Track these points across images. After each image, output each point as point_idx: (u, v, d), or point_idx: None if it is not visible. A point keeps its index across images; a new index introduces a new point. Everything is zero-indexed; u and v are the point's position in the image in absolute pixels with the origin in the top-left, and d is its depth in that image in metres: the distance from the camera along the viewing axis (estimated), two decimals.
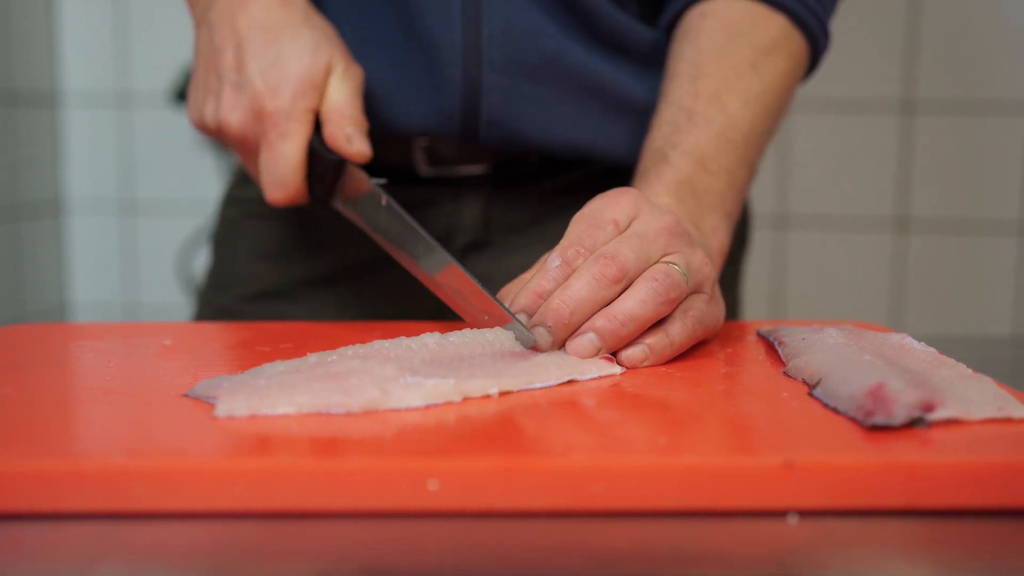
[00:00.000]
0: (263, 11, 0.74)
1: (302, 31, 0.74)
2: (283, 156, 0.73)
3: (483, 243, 0.89)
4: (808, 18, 0.79)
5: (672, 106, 0.77)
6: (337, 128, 0.73)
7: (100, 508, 0.41)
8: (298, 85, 0.73)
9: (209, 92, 0.76)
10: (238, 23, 0.74)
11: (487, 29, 0.80)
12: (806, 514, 0.42)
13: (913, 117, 1.68)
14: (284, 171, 0.73)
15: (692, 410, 0.52)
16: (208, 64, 0.76)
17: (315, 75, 0.73)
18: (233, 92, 0.74)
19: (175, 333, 0.69)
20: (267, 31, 0.74)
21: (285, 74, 0.73)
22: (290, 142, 0.73)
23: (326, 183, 0.75)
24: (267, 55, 0.73)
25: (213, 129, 0.76)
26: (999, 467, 0.43)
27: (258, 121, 0.73)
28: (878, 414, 0.46)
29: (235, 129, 0.74)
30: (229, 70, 0.74)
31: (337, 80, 0.74)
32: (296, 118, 0.73)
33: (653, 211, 0.63)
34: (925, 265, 1.71)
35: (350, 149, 0.73)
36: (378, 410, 0.49)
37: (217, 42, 0.75)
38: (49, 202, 1.93)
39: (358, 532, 0.41)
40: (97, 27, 1.90)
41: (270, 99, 0.72)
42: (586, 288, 0.58)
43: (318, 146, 0.74)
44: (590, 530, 0.41)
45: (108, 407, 0.51)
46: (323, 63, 0.74)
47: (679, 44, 0.80)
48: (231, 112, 0.74)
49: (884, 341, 0.59)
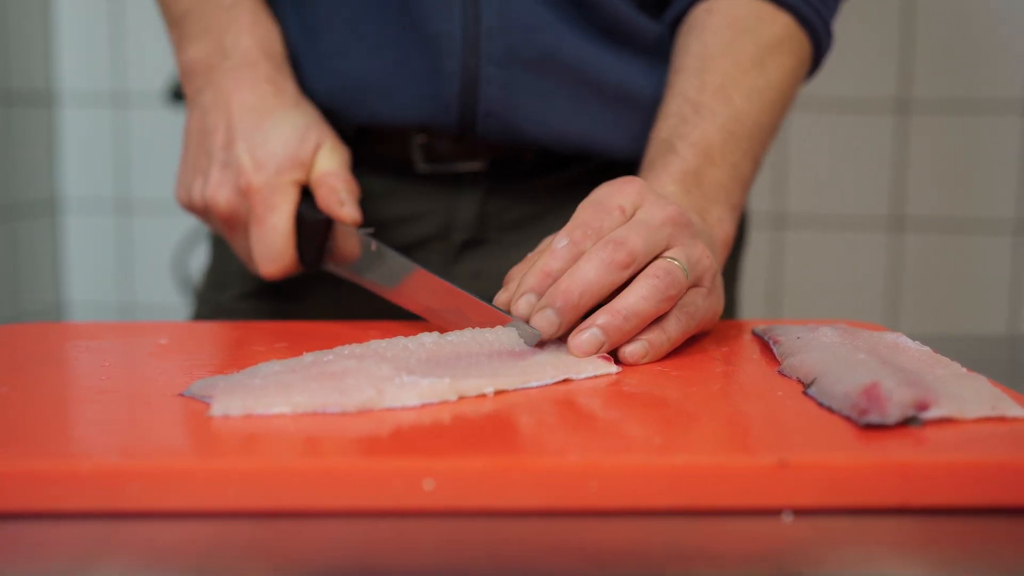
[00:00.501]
0: (256, 96, 0.77)
1: (292, 114, 0.77)
2: (273, 227, 0.74)
3: (480, 240, 0.89)
4: (812, 17, 0.80)
5: (678, 97, 0.77)
6: (330, 191, 0.75)
7: (95, 507, 0.41)
8: (284, 161, 0.75)
9: (198, 171, 0.78)
10: (231, 106, 0.77)
11: (486, 20, 0.80)
12: (800, 513, 0.42)
13: (909, 117, 1.68)
14: (275, 242, 0.75)
15: (687, 409, 0.52)
16: (199, 144, 0.78)
17: (302, 153, 0.76)
18: (221, 170, 0.76)
19: (171, 332, 0.69)
20: (258, 114, 0.76)
21: (272, 152, 0.75)
22: (278, 213, 0.75)
23: (315, 247, 0.76)
24: (255, 135, 0.75)
25: (200, 208, 0.78)
26: (993, 466, 0.43)
27: (245, 198, 0.75)
28: (872, 413, 0.46)
29: (222, 207, 0.76)
30: (218, 149, 0.76)
31: (326, 154, 0.77)
32: (282, 190, 0.75)
33: (658, 201, 0.64)
34: (921, 264, 1.72)
35: (342, 212, 0.75)
36: (374, 410, 0.49)
37: (209, 124, 0.77)
38: (45, 201, 1.93)
39: (354, 532, 0.41)
40: (93, 26, 1.90)
41: (256, 174, 0.74)
42: (595, 271, 0.59)
43: (304, 212, 0.75)
44: (585, 529, 0.41)
45: (103, 406, 0.51)
46: (311, 143, 0.76)
47: (685, 39, 0.81)
48: (219, 190, 0.76)
49: (879, 340, 0.60)
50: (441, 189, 0.88)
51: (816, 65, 0.84)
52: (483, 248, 0.89)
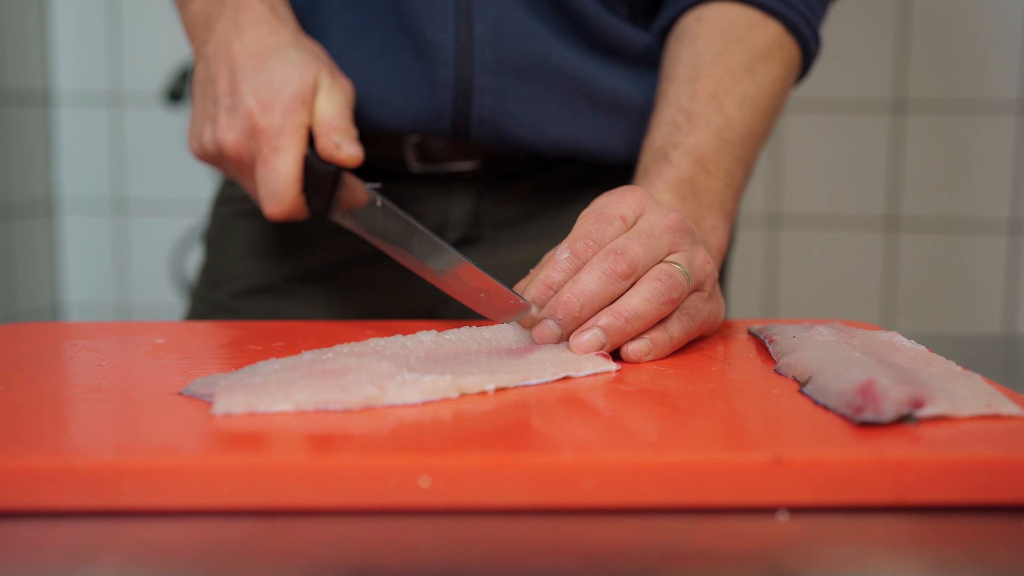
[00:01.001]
0: (254, 39, 0.77)
1: (290, 51, 0.77)
2: (277, 170, 0.74)
3: (473, 239, 0.89)
4: (801, 25, 0.80)
5: (671, 106, 0.78)
6: (327, 139, 0.75)
7: (92, 505, 0.41)
8: (288, 101, 0.75)
9: (206, 118, 0.78)
10: (232, 52, 0.77)
11: (479, 30, 0.80)
12: (796, 510, 0.42)
13: (904, 117, 1.69)
14: (279, 185, 0.75)
15: (683, 407, 0.52)
16: (205, 93, 0.78)
17: (303, 91, 0.75)
18: (228, 114, 0.76)
19: (167, 332, 0.69)
20: (258, 56, 0.76)
21: (275, 91, 0.75)
22: (284, 156, 0.74)
23: (322, 196, 0.76)
24: (258, 76, 0.76)
25: (212, 153, 0.78)
26: (987, 463, 0.43)
27: (252, 138, 0.75)
28: (867, 410, 0.46)
29: (231, 149, 0.76)
30: (224, 95, 0.76)
31: (324, 94, 0.76)
32: (288, 132, 0.75)
33: (659, 209, 0.64)
34: (916, 263, 1.72)
35: (340, 154, 0.74)
36: (375, 407, 0.49)
37: (213, 71, 0.77)
38: (41, 202, 1.93)
39: (350, 529, 0.41)
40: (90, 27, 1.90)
41: (262, 115, 0.74)
42: (596, 282, 0.60)
43: (312, 159, 0.75)
44: (581, 527, 0.41)
45: (100, 405, 0.51)
46: (310, 78, 0.76)
47: (676, 47, 0.81)
48: (226, 132, 0.76)
49: (874, 339, 0.60)
50: (435, 188, 0.88)
51: (805, 71, 0.85)
52: (477, 246, 0.89)
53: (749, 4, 0.80)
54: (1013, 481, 0.43)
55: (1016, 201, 1.68)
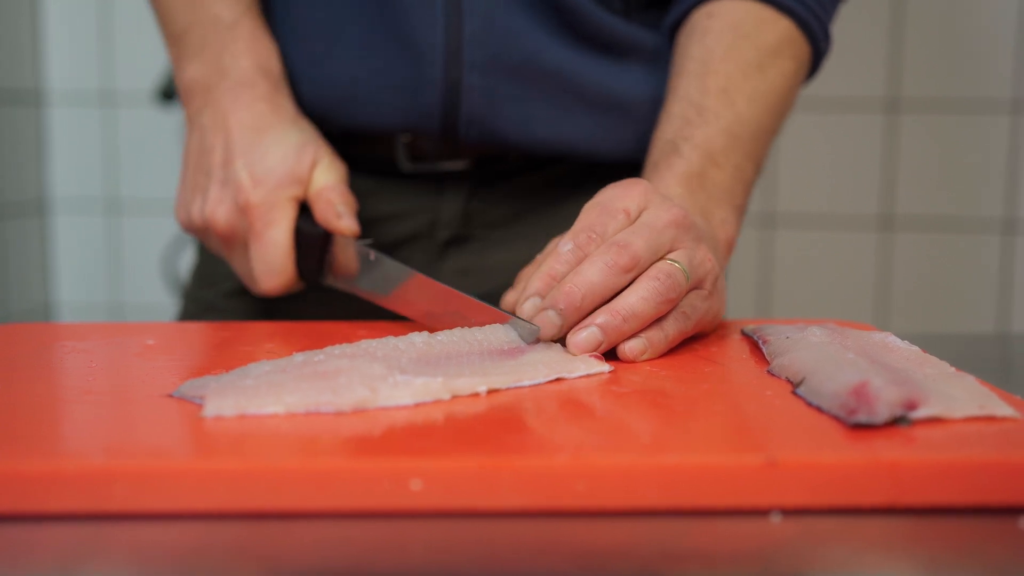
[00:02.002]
0: (253, 115, 0.77)
1: (290, 131, 0.77)
2: (272, 243, 0.75)
3: (464, 238, 0.89)
4: (811, 21, 0.81)
5: (681, 100, 0.78)
6: (328, 205, 0.75)
7: (83, 508, 0.41)
8: (282, 177, 0.75)
9: (197, 190, 0.78)
10: (229, 125, 0.77)
11: (468, 28, 0.80)
12: (789, 512, 0.42)
13: (898, 116, 1.69)
14: (275, 257, 0.75)
15: (676, 409, 0.52)
16: (198, 163, 0.78)
17: (300, 169, 0.76)
18: (219, 188, 0.76)
19: (158, 333, 0.69)
20: (256, 132, 0.77)
21: (270, 168, 0.75)
22: (277, 228, 0.75)
23: (314, 261, 0.76)
24: (254, 152, 0.76)
25: (200, 226, 0.78)
26: (981, 465, 0.43)
27: (243, 214, 0.75)
28: (861, 412, 0.46)
29: (221, 224, 0.76)
30: (216, 167, 0.77)
31: (323, 170, 0.77)
32: (280, 207, 0.75)
33: (663, 203, 0.64)
34: (910, 263, 1.72)
35: (340, 224, 0.75)
36: (367, 409, 0.49)
37: (208, 143, 0.78)
38: (33, 201, 1.93)
39: (342, 532, 0.41)
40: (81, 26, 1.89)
41: (254, 191, 0.75)
42: (598, 274, 0.60)
43: (303, 226, 0.76)
44: (573, 529, 0.41)
45: (90, 407, 0.50)
46: (308, 159, 0.77)
47: (686, 42, 0.81)
48: (218, 207, 0.76)
49: (867, 339, 0.60)
50: (425, 187, 0.88)
51: (815, 68, 0.85)
52: (468, 245, 0.89)
53: (760, 0, 0.80)
54: (1007, 482, 0.43)
55: (1010, 200, 1.69)
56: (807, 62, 0.83)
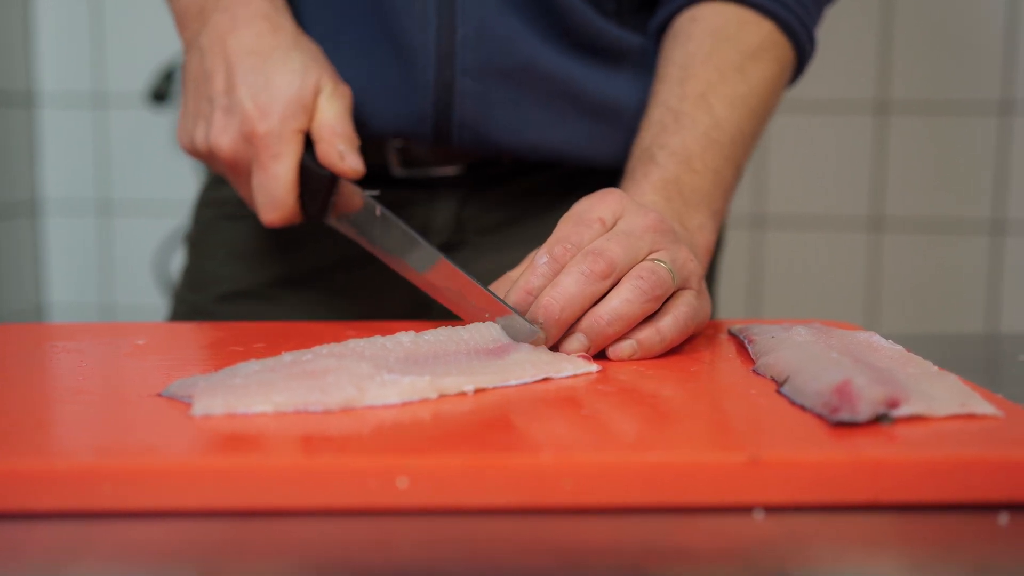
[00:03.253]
0: (253, 36, 0.75)
1: (291, 54, 0.75)
2: (276, 176, 0.74)
3: (457, 244, 0.89)
4: (795, 24, 0.80)
5: (660, 107, 0.78)
6: (330, 146, 0.74)
7: (72, 507, 0.41)
8: (288, 106, 0.74)
9: (200, 116, 0.76)
10: (228, 48, 0.75)
11: (461, 32, 0.80)
12: (772, 510, 0.43)
13: (887, 117, 1.69)
14: (278, 191, 0.74)
15: (662, 407, 0.52)
16: (199, 88, 0.77)
17: (304, 96, 0.74)
18: (223, 115, 0.74)
19: (148, 333, 0.69)
20: (257, 55, 0.75)
21: (274, 96, 0.74)
22: (282, 162, 0.74)
23: (319, 200, 0.75)
24: (257, 79, 0.74)
25: (204, 153, 0.77)
26: (962, 462, 0.43)
27: (249, 144, 0.74)
28: (843, 410, 0.47)
29: (226, 152, 0.75)
30: (219, 94, 0.75)
31: (326, 99, 0.75)
32: (287, 139, 0.74)
33: (638, 210, 0.64)
34: (900, 264, 1.73)
35: (343, 165, 0.74)
36: (354, 408, 0.49)
37: (208, 66, 0.76)
38: (25, 203, 1.92)
39: (330, 529, 0.41)
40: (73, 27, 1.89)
41: (260, 121, 0.73)
42: (575, 284, 0.59)
43: (310, 163, 0.75)
44: (559, 527, 0.41)
45: (80, 407, 0.51)
46: (312, 84, 0.75)
47: (668, 47, 0.81)
48: (222, 135, 0.74)
49: (852, 339, 0.60)
50: (418, 193, 0.88)
51: (799, 71, 0.85)
52: (460, 251, 0.89)
53: (742, 3, 0.79)
54: (988, 480, 0.43)
55: (998, 201, 1.69)
56: (791, 65, 0.83)
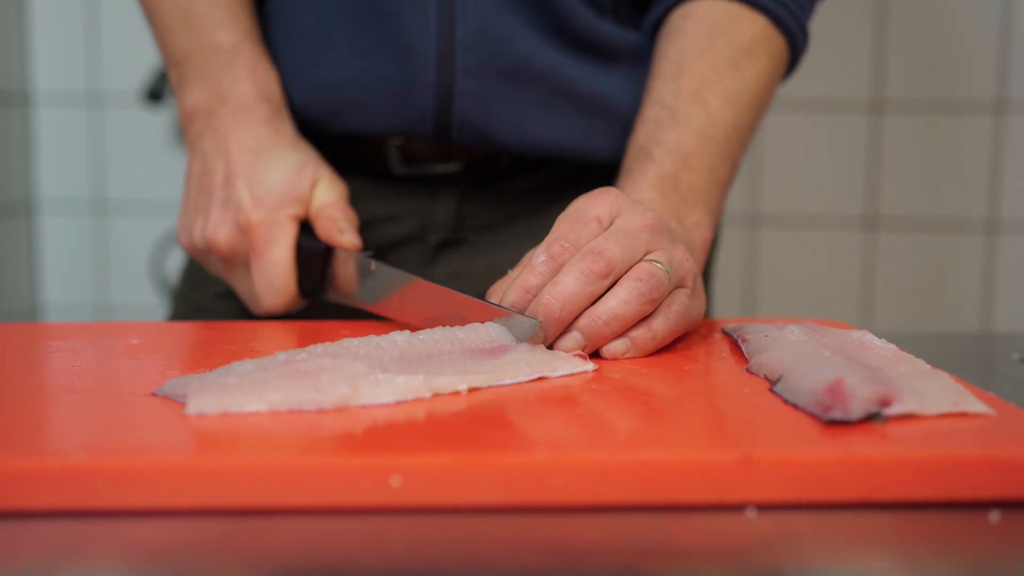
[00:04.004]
0: (254, 138, 0.78)
1: (290, 153, 0.78)
2: (274, 261, 0.75)
3: (456, 241, 0.89)
4: (788, 19, 0.81)
5: (655, 104, 0.78)
6: (330, 221, 0.76)
7: (65, 506, 0.41)
8: (282, 197, 0.76)
9: (199, 211, 0.78)
10: (229, 147, 0.78)
11: (461, 31, 0.80)
12: (764, 508, 0.43)
13: (882, 117, 1.70)
14: (276, 276, 0.75)
15: (655, 406, 0.52)
16: (200, 186, 0.79)
17: (299, 188, 0.77)
18: (221, 208, 0.77)
19: (142, 332, 0.69)
20: (256, 154, 0.77)
21: (270, 188, 0.76)
22: (278, 247, 0.75)
23: (315, 276, 0.76)
24: (255, 173, 0.76)
25: (201, 248, 0.79)
26: (953, 460, 0.43)
27: (245, 234, 0.76)
28: (836, 409, 0.47)
29: (223, 244, 0.76)
30: (218, 188, 0.77)
31: (324, 188, 0.78)
32: (281, 224, 0.76)
33: (635, 208, 0.64)
34: (894, 263, 1.73)
35: (342, 239, 0.75)
36: (349, 407, 0.49)
37: (209, 166, 0.78)
38: (20, 202, 1.92)
39: (324, 528, 0.41)
40: (68, 26, 1.89)
41: (255, 211, 0.75)
42: (575, 283, 0.60)
43: (304, 243, 0.76)
44: (551, 525, 0.41)
45: (74, 406, 0.51)
46: (308, 176, 0.77)
47: (662, 44, 0.81)
48: (219, 227, 0.76)
49: (845, 338, 0.60)
50: (417, 190, 0.88)
51: (793, 66, 0.85)
52: (460, 249, 0.89)
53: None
54: (979, 478, 0.43)
55: (993, 201, 1.69)
56: (784, 60, 0.83)
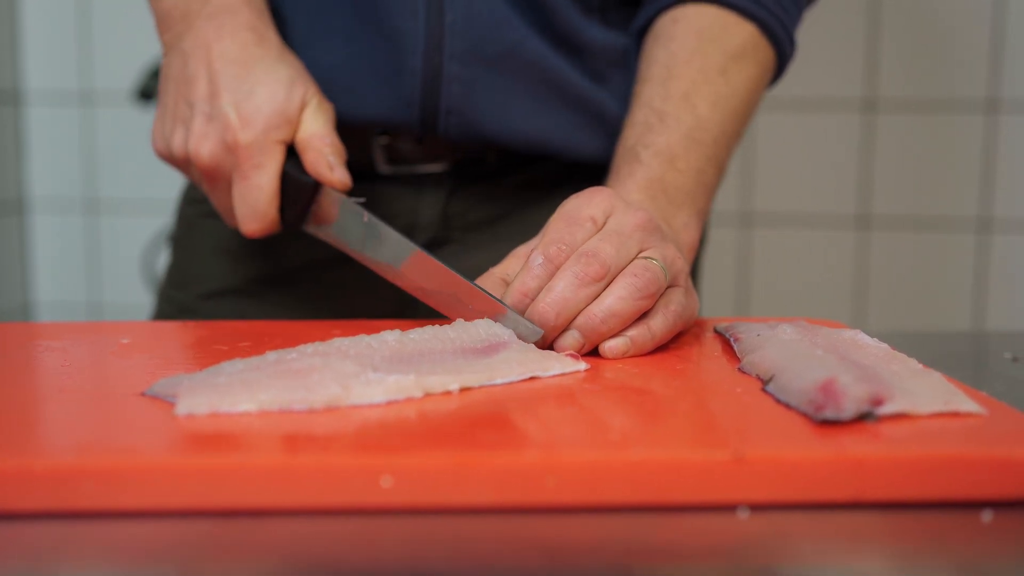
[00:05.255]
0: (238, 46, 0.75)
1: (277, 67, 0.75)
2: (258, 187, 0.73)
3: (442, 241, 0.89)
4: (775, 27, 0.81)
5: (644, 107, 0.78)
6: (319, 155, 0.74)
7: (54, 507, 0.41)
8: (271, 118, 0.73)
9: (178, 121, 0.76)
10: (212, 55, 0.75)
11: (450, 17, 0.80)
12: (756, 507, 0.43)
13: (875, 116, 1.70)
14: (260, 202, 0.74)
15: (647, 406, 0.52)
16: (179, 92, 0.76)
17: (289, 109, 0.74)
18: (204, 122, 0.74)
19: (133, 332, 0.69)
20: (241, 65, 0.74)
21: (258, 107, 0.73)
22: (264, 173, 0.73)
23: (298, 209, 0.75)
24: (241, 88, 0.74)
25: (181, 159, 0.76)
26: (945, 459, 0.43)
27: (230, 153, 0.74)
28: (828, 408, 0.47)
29: (205, 160, 0.74)
30: (201, 100, 0.74)
31: (312, 112, 0.75)
32: (269, 150, 0.73)
33: (627, 209, 0.65)
34: (887, 261, 1.73)
35: (332, 176, 0.74)
36: (339, 407, 0.49)
37: (190, 71, 0.75)
38: (12, 201, 1.92)
39: (314, 529, 0.41)
40: (60, 25, 1.89)
41: (243, 131, 0.73)
42: (570, 289, 0.60)
43: (291, 172, 0.74)
44: (543, 525, 0.41)
45: (63, 406, 0.50)
46: (298, 98, 0.75)
47: (651, 47, 0.81)
48: (202, 142, 0.74)
49: (837, 337, 0.60)
50: (404, 190, 0.88)
51: (779, 73, 0.85)
52: (447, 248, 0.89)
53: (724, 6, 0.80)
54: (971, 477, 0.43)
55: (985, 199, 1.70)
56: (771, 67, 0.83)
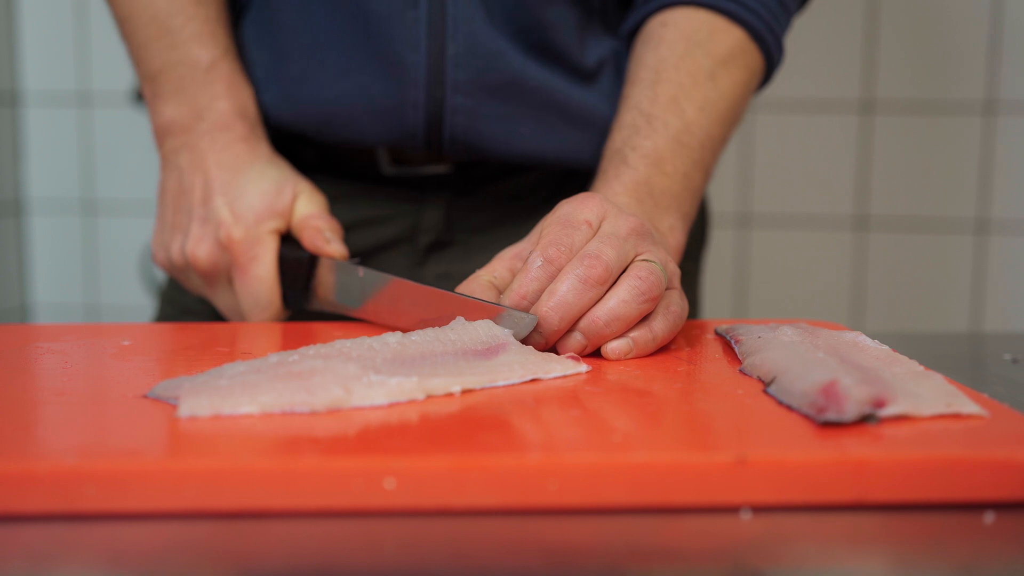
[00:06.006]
0: (231, 155, 0.78)
1: (267, 169, 0.79)
2: (258, 278, 0.76)
3: (446, 243, 0.89)
4: (764, 32, 0.81)
5: (632, 110, 0.78)
6: (315, 232, 0.76)
7: (55, 509, 0.41)
8: (262, 212, 0.76)
9: (177, 229, 0.79)
10: (207, 164, 0.78)
11: (452, 49, 0.80)
12: (758, 509, 0.43)
13: (872, 117, 1.70)
14: (261, 292, 0.76)
15: (648, 408, 0.52)
16: (177, 203, 0.79)
17: (279, 203, 0.77)
18: (200, 225, 0.77)
19: (133, 334, 0.69)
20: (234, 171, 0.78)
21: (250, 204, 0.76)
22: (261, 264, 0.76)
23: (299, 287, 0.76)
24: (233, 190, 0.77)
25: (180, 265, 0.79)
26: (947, 461, 0.43)
27: (226, 250, 0.76)
28: (830, 410, 0.47)
29: (203, 261, 0.77)
30: (197, 205, 0.77)
31: (305, 200, 0.78)
32: (263, 241, 0.76)
33: (620, 213, 0.65)
34: (885, 263, 1.73)
35: (329, 249, 0.76)
36: (341, 409, 0.49)
37: (187, 183, 0.78)
38: (10, 202, 1.91)
39: (316, 531, 0.41)
40: (58, 26, 1.88)
41: (236, 227, 0.76)
42: (573, 292, 0.60)
43: (286, 253, 0.76)
44: (545, 527, 0.41)
45: (64, 408, 0.50)
46: (288, 192, 0.77)
47: (640, 51, 0.82)
48: (199, 244, 0.77)
49: (838, 339, 0.60)
50: (407, 192, 0.88)
51: (767, 78, 0.86)
52: (449, 250, 0.89)
53: (714, 10, 0.80)
54: (973, 479, 0.43)
55: (982, 201, 1.70)
56: (759, 72, 0.84)
